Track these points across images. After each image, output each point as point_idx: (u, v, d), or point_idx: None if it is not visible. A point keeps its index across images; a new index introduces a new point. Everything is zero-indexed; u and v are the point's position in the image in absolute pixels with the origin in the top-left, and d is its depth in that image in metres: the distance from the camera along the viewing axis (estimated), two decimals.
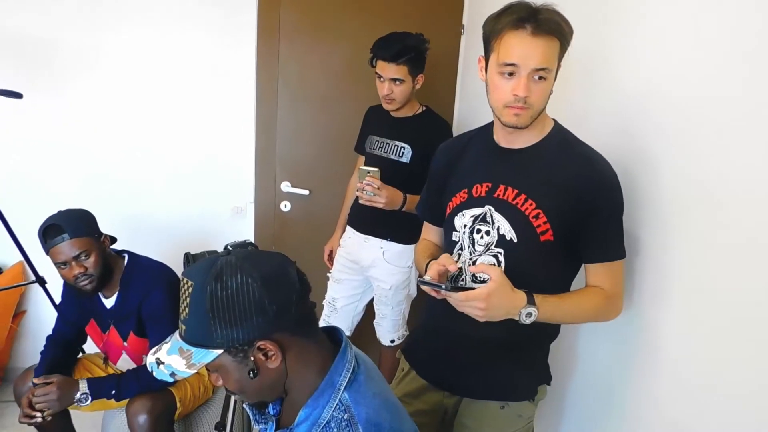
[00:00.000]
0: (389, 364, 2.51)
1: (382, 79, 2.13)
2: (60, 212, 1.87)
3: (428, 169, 2.19)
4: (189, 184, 2.82)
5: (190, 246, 2.75)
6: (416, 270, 2.44)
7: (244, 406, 1.22)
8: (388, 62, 2.07)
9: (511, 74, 1.22)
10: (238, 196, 2.85)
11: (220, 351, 0.96)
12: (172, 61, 2.68)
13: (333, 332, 1.14)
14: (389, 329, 2.51)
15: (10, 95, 2.06)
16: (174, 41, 2.66)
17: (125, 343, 2.08)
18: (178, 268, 2.12)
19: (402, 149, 2.25)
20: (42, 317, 2.89)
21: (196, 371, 0.98)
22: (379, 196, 2.04)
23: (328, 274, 2.57)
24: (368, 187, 2.02)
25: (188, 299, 0.96)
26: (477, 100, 2.54)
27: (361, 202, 2.10)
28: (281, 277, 0.99)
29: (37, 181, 2.72)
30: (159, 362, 1.00)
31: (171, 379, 0.99)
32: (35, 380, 1.84)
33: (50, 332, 2.17)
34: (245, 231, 2.87)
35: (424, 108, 2.29)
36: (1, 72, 2.29)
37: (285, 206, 2.86)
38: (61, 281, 2.06)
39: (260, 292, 0.94)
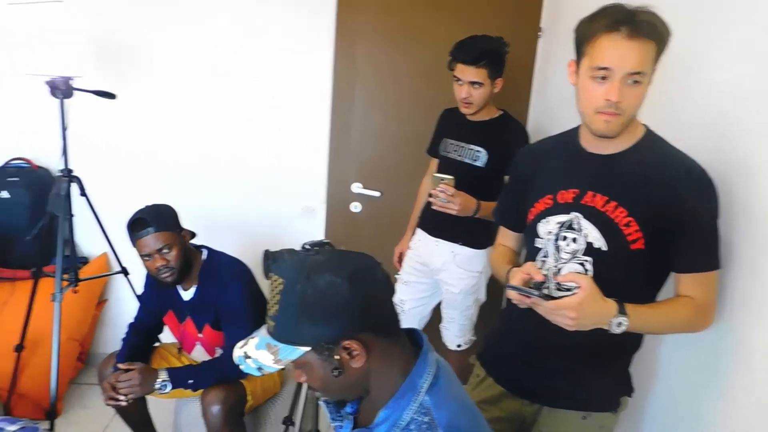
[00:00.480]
0: (455, 369, 2.48)
1: (460, 82, 2.12)
2: (147, 207, 1.95)
3: (502, 174, 2.18)
4: (263, 183, 2.89)
5: (262, 243, 2.81)
6: (486, 276, 2.42)
7: (320, 402, 1.23)
8: (468, 65, 2.06)
9: (603, 78, 1.19)
10: (310, 195, 2.90)
11: (307, 349, 0.98)
12: (251, 63, 2.76)
13: (413, 334, 1.14)
14: (456, 333, 2.49)
15: (105, 96, 2.17)
16: (254, 44, 2.73)
17: (200, 335, 2.15)
18: (250, 264, 2.19)
19: (477, 153, 2.22)
20: (122, 306, 3.03)
21: (282, 367, 1.00)
22: (452, 203, 2.02)
23: (397, 276, 2.57)
24: (442, 194, 2.01)
25: (278, 296, 0.98)
26: (555, 105, 2.48)
27: (433, 207, 2.09)
28: (369, 278, 1.00)
29: (124, 178, 2.86)
30: (246, 356, 1.02)
31: (258, 374, 1.01)
32: (120, 366, 1.92)
33: (131, 320, 2.27)
34: (316, 230, 2.91)
35: (502, 112, 2.26)
36: (96, 73, 2.40)
37: (355, 207, 2.88)
38: (143, 273, 2.16)
39: (348, 292, 0.95)
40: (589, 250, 1.30)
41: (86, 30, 2.12)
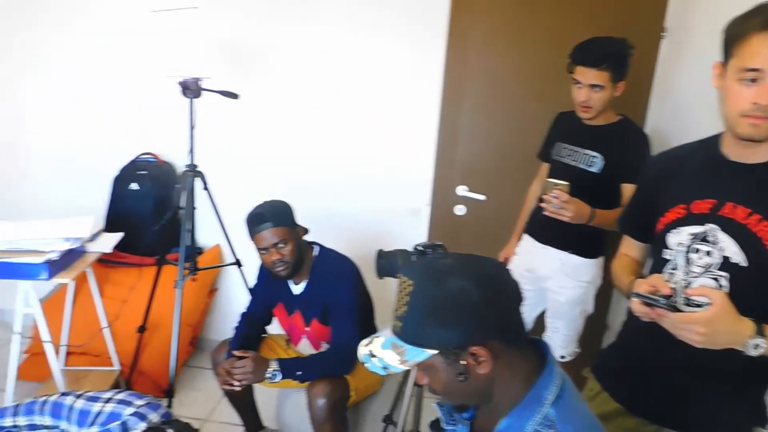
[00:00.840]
0: None
1: (579, 85, 2.04)
2: (265, 203, 2.04)
3: (619, 181, 2.09)
4: (369, 182, 2.94)
5: (366, 241, 2.88)
6: (595, 287, 2.33)
7: (434, 405, 1.23)
8: (589, 67, 1.98)
9: (753, 81, 1.10)
10: (414, 196, 2.91)
11: (434, 352, 0.98)
12: (363, 64, 2.82)
13: (536, 344, 1.11)
14: (560, 344, 2.41)
15: (229, 96, 2.29)
16: (366, 47, 2.79)
17: (307, 328, 2.22)
18: (355, 261, 2.23)
19: (593, 159, 2.14)
20: (231, 296, 3.19)
21: (408, 368, 1.00)
22: (565, 209, 1.95)
23: None
24: (555, 200, 1.95)
25: (407, 298, 0.99)
26: (680, 110, 2.35)
27: (545, 213, 2.03)
28: (499, 284, 0.99)
29: (242, 174, 3.01)
30: (372, 355, 1.03)
31: (383, 372, 1.03)
32: (235, 352, 2.02)
33: (239, 310, 2.37)
34: (419, 232, 2.92)
35: (621, 117, 2.17)
36: (222, 74, 2.53)
37: (460, 210, 2.86)
38: (254, 265, 2.26)
39: (479, 297, 0.94)
40: (726, 265, 1.21)
41: (216, 34, 2.24)
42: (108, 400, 1.84)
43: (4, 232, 2.17)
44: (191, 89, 2.21)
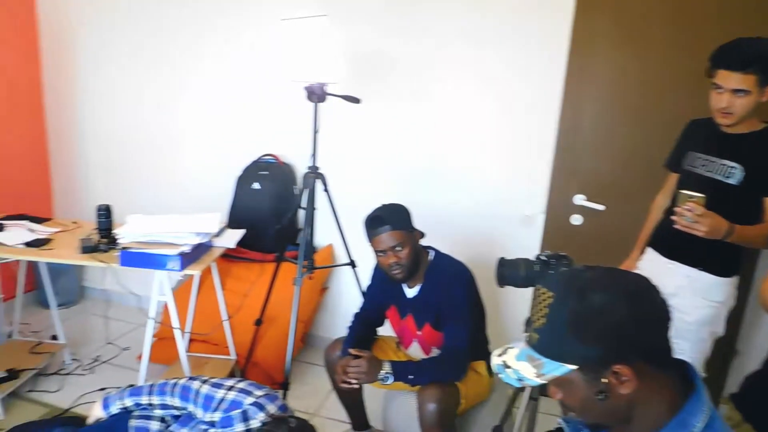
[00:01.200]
0: None
1: (720, 90, 1.90)
2: (384, 206, 2.07)
3: (762, 195, 1.92)
4: (483, 189, 2.92)
5: (476, 247, 2.85)
6: (727, 308, 2.16)
7: (559, 420, 1.19)
8: (734, 71, 1.84)
9: None
10: (529, 203, 2.85)
11: (574, 367, 0.94)
12: (480, 70, 2.80)
13: (683, 367, 1.05)
14: None
15: (351, 100, 2.34)
16: (485, 50, 2.77)
17: (419, 332, 2.23)
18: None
19: (731, 170, 1.98)
20: (341, 295, 3.27)
21: (545, 382, 0.98)
22: (699, 224, 1.83)
23: None
24: (688, 213, 1.83)
25: (545, 310, 0.97)
26: None
27: (676, 226, 1.91)
28: (648, 301, 0.94)
29: (359, 176, 3.09)
30: (506, 366, 1.02)
31: (518, 384, 1.01)
32: (351, 351, 2.05)
33: (347, 309, 2.43)
34: (532, 240, 2.85)
35: (766, 125, 1.99)
36: (345, 80, 2.60)
37: (576, 220, 2.76)
38: (368, 266, 2.30)
39: (626, 314, 0.90)
40: None
41: (342, 40, 2.31)
42: (230, 388, 1.93)
43: (145, 225, 2.35)
44: (317, 94, 2.29)
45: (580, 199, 2.74)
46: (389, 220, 2.01)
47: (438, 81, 2.87)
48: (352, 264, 2.68)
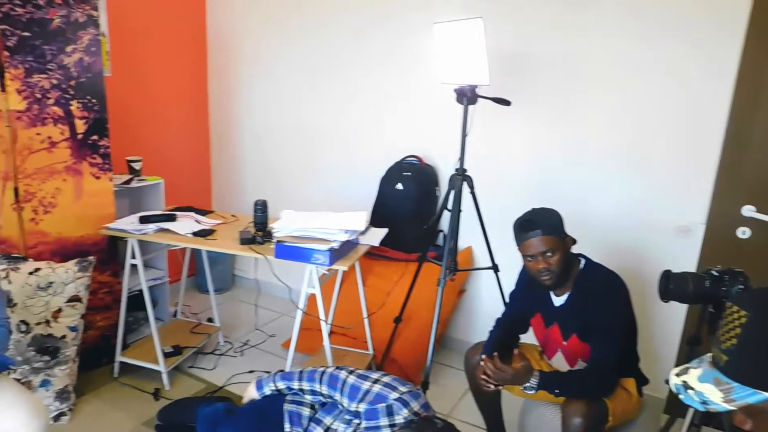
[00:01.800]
0: None
1: None
2: (535, 210, 2.02)
3: None
4: (634, 195, 2.75)
5: (625, 257, 2.70)
6: None
7: None
8: None
9: None
10: (685, 214, 2.64)
11: None
12: (639, 68, 2.64)
13: None
14: None
15: (502, 102, 2.32)
16: (643, 50, 2.61)
17: (564, 343, 2.14)
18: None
19: None
20: (477, 299, 3.25)
21: (734, 408, 0.90)
22: None
23: None
24: None
25: (737, 330, 0.89)
26: None
27: None
28: None
29: (503, 179, 3.04)
30: (687, 387, 0.95)
31: (702, 408, 0.93)
32: (496, 355, 2.02)
33: (487, 314, 2.39)
34: (689, 253, 2.64)
35: None
36: (494, 82, 2.59)
37: (743, 233, 2.51)
38: (510, 271, 2.25)
39: None
40: None
41: (494, 43, 2.29)
42: (375, 381, 1.97)
43: (298, 220, 2.49)
44: (467, 96, 2.29)
45: (748, 211, 2.48)
46: (541, 224, 1.95)
47: (589, 81, 2.75)
48: (495, 268, 2.65)
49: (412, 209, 3.12)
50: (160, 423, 2.46)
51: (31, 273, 2.49)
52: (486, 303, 3.18)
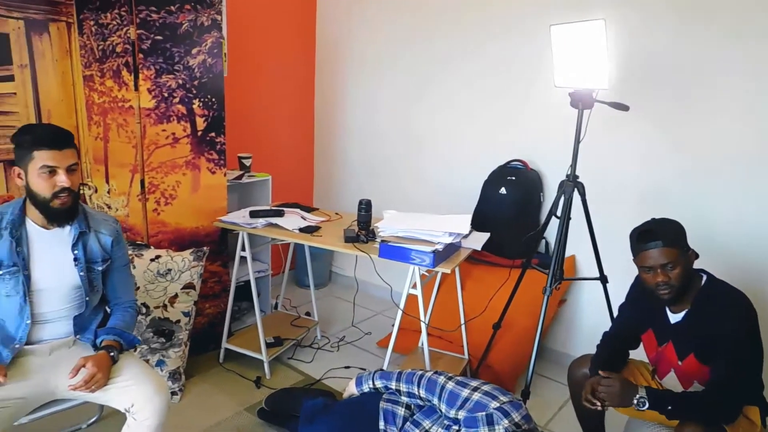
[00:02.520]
0: None
1: None
2: (655, 220, 1.92)
3: None
4: (756, 200, 2.55)
5: (753, 275, 2.50)
6: None
7: None
8: None
9: None
10: None
11: None
12: (743, 71, 2.46)
13: None
14: None
15: (619, 107, 2.22)
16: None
17: (679, 363, 2.02)
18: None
19: None
20: (578, 309, 3.14)
21: None
22: None
23: None
24: None
25: None
26: None
27: None
28: None
29: (613, 188, 2.93)
30: None
31: None
32: (602, 372, 1.94)
33: (594, 327, 2.30)
34: None
35: None
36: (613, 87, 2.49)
37: None
38: (618, 283, 2.14)
39: None
40: None
41: (615, 46, 2.20)
42: (475, 389, 1.95)
43: (402, 221, 2.51)
44: (583, 100, 2.21)
45: None
46: (662, 235, 1.85)
47: (711, 86, 2.58)
48: (604, 279, 2.54)
49: (515, 214, 3.06)
50: (266, 408, 2.56)
51: (152, 260, 2.67)
52: (588, 315, 3.07)
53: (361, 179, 4.14)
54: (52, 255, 1.86)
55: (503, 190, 3.08)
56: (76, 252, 1.89)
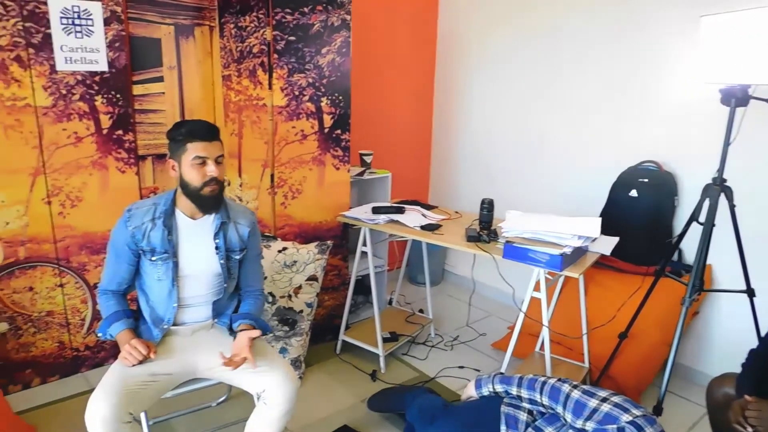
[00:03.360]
0: None
1: None
2: None
3: None
4: None
5: None
6: None
7: None
8: None
9: None
10: None
11: None
12: None
13: None
14: None
15: None
16: None
17: None
18: None
19: None
20: (713, 324, 2.90)
21: None
22: None
23: None
24: None
25: None
26: None
27: None
28: None
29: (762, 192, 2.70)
30: None
31: None
32: (747, 398, 1.79)
33: (732, 342, 2.11)
34: None
35: None
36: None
37: None
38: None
39: None
40: None
41: None
42: (604, 400, 1.86)
43: (527, 222, 2.44)
44: (737, 96, 2.03)
45: None
46: None
47: None
48: (751, 292, 2.33)
49: (646, 219, 2.88)
50: (371, 408, 2.60)
51: (279, 251, 2.79)
52: (725, 330, 2.83)
53: (477, 179, 4.09)
54: (197, 244, 2.00)
55: (634, 193, 2.92)
56: (217, 241, 2.01)
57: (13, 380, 2.68)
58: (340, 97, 2.97)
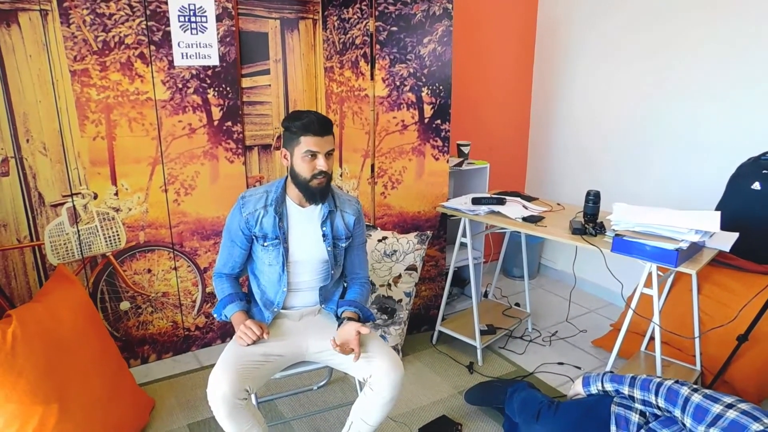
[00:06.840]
0: None
1: None
2: None
3: None
4: None
5: None
6: None
7: None
8: None
9: None
10: None
11: None
12: None
13: None
14: None
15: None
16: None
17: None
18: None
19: None
20: None
21: None
22: None
23: None
24: None
25: None
26: None
27: None
28: None
29: None
30: None
31: None
32: None
33: None
34: None
35: None
36: None
37: None
38: None
39: None
40: None
41: None
42: (730, 406, 1.75)
43: (638, 215, 2.32)
44: None
45: None
46: None
47: None
48: None
49: None
50: (469, 401, 2.58)
51: (379, 240, 2.82)
52: None
53: (577, 170, 3.94)
54: (305, 231, 2.05)
55: (757, 185, 2.70)
56: (324, 229, 2.06)
57: (134, 355, 2.88)
58: (441, 87, 2.95)
